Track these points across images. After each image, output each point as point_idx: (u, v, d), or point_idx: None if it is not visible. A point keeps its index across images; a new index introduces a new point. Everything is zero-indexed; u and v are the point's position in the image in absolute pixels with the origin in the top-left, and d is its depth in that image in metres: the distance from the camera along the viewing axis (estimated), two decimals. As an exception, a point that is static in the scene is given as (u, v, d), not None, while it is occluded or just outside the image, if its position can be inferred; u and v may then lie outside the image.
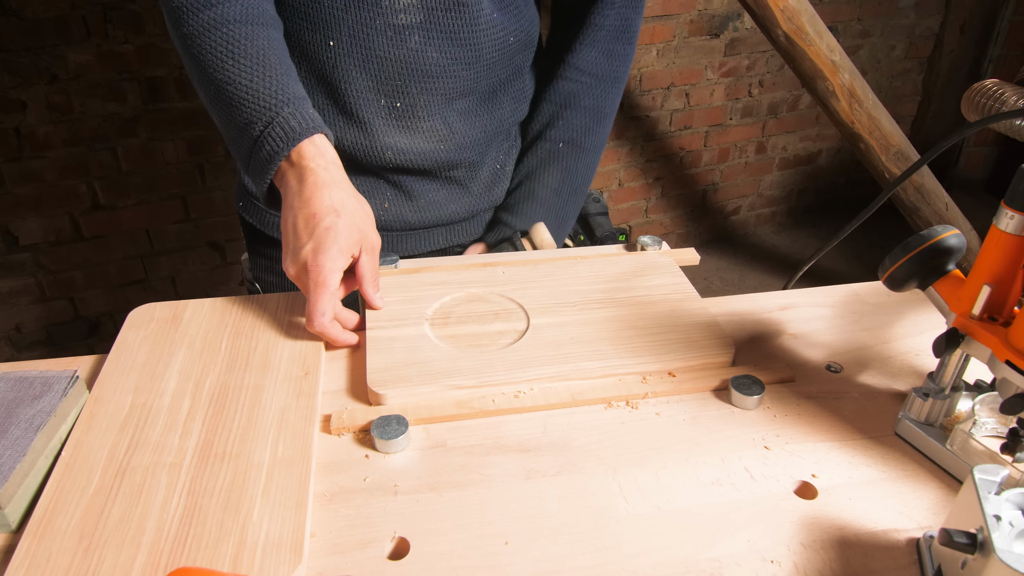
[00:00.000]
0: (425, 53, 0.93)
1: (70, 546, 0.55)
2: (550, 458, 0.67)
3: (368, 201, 1.02)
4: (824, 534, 0.60)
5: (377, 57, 0.92)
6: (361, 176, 1.02)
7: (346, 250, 0.78)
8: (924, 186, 2.48)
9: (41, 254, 2.29)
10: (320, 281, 0.76)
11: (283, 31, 0.91)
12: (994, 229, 0.60)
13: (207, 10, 0.82)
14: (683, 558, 0.57)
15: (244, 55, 0.81)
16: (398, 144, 0.98)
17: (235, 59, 0.81)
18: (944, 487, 0.65)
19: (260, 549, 0.55)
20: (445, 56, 0.94)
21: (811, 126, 3.34)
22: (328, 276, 0.76)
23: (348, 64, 0.92)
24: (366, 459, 0.67)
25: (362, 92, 0.94)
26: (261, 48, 0.82)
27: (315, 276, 0.76)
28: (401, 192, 1.04)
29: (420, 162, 1.00)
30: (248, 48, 0.82)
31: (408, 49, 0.92)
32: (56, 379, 0.69)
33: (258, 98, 0.80)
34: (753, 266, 3.24)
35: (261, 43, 0.83)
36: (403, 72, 0.94)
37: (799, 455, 0.68)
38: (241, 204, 1.10)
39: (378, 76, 0.93)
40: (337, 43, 0.91)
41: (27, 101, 2.06)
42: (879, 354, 0.82)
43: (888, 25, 3.19)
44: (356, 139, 0.98)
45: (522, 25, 1.00)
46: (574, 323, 0.82)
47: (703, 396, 0.75)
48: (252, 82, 0.81)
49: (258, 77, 0.81)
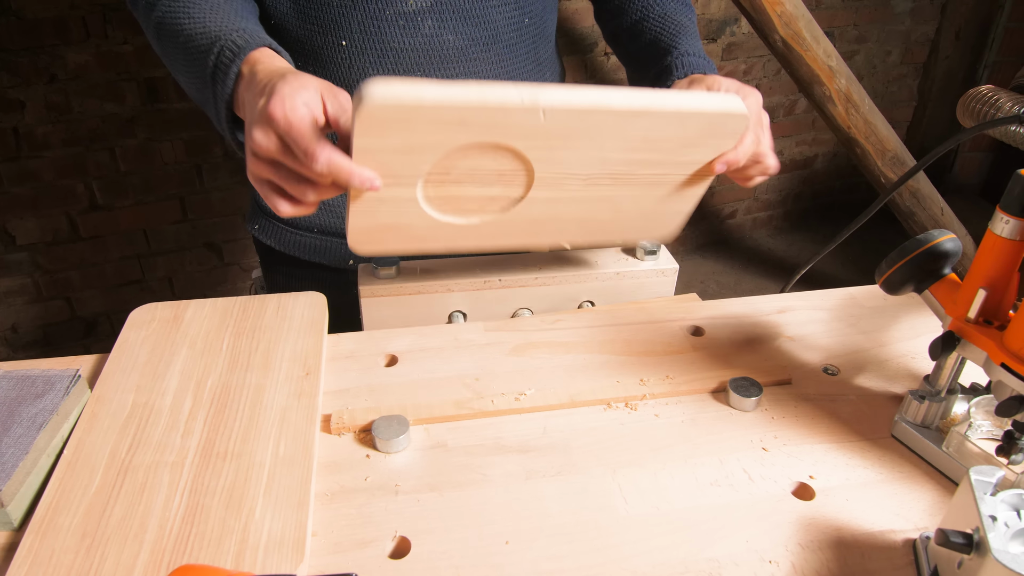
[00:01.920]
0: (440, 37, 0.92)
1: (72, 544, 0.56)
2: (550, 459, 0.67)
3: None
4: (821, 535, 0.60)
5: (392, 49, 0.92)
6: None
7: (305, 91, 0.66)
8: (920, 191, 2.49)
9: (38, 254, 2.29)
10: (288, 118, 0.64)
11: (297, 38, 0.91)
12: (989, 233, 0.61)
13: None
14: (682, 558, 0.58)
15: (199, 10, 0.80)
16: None
17: (190, 16, 0.80)
18: (940, 489, 0.65)
19: (262, 548, 0.56)
20: (461, 37, 0.93)
21: (807, 130, 3.35)
22: (296, 110, 0.65)
23: (363, 62, 0.92)
24: (367, 459, 0.67)
25: None
26: (215, 3, 0.81)
27: (280, 115, 0.65)
28: None
29: None
30: (203, 5, 0.81)
31: (423, 35, 0.92)
32: (58, 378, 0.70)
33: (208, 33, 0.78)
34: (749, 270, 3.25)
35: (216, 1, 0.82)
36: (421, 60, 0.93)
37: (797, 456, 0.68)
38: (257, 227, 1.09)
39: (395, 69, 0.93)
40: (349, 42, 0.91)
41: (25, 101, 2.06)
42: (876, 357, 0.83)
43: (884, 31, 3.20)
44: None
45: (536, 7, 0.99)
46: (569, 200, 0.77)
47: (701, 398, 0.76)
48: (204, 26, 0.78)
49: (209, 20, 0.79)
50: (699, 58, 0.93)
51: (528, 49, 1.01)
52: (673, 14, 1.00)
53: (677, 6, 1.02)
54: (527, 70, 1.02)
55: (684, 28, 0.98)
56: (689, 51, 0.94)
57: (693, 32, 0.99)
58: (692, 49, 0.94)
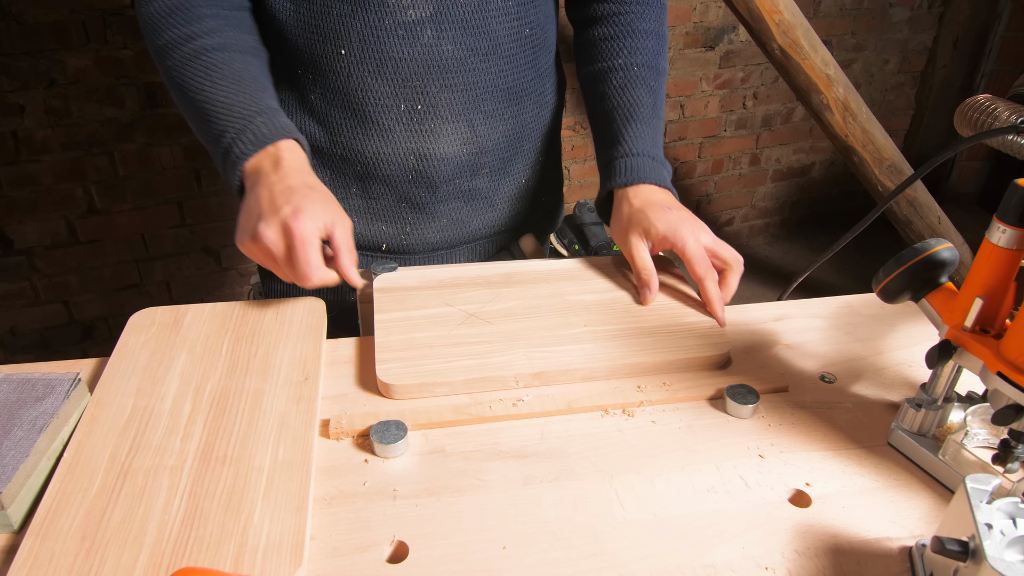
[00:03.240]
0: (440, 47, 0.92)
1: (72, 547, 0.56)
2: (547, 464, 0.68)
3: (389, 227, 1.02)
4: (818, 542, 0.60)
5: (392, 59, 0.91)
6: (381, 200, 1.01)
7: (322, 216, 0.78)
8: (917, 199, 2.50)
9: (36, 257, 2.29)
10: (304, 239, 0.76)
11: (297, 46, 0.93)
12: (986, 243, 0.61)
13: (188, 43, 0.86)
14: (679, 564, 0.58)
15: (221, 76, 0.85)
16: (421, 149, 0.97)
17: (212, 80, 0.85)
18: (936, 496, 0.66)
19: (261, 551, 0.56)
20: (460, 47, 0.93)
21: (805, 139, 3.37)
22: (311, 235, 0.76)
23: (363, 71, 0.92)
24: (365, 464, 0.68)
25: (380, 98, 0.94)
26: (236, 71, 0.87)
27: (299, 234, 0.76)
28: (422, 213, 1.03)
29: (443, 168, 0.99)
30: (224, 71, 0.86)
31: (422, 45, 0.91)
32: (58, 381, 0.70)
33: (232, 110, 0.84)
34: (746, 277, 3.23)
35: (236, 66, 0.87)
36: (420, 71, 0.92)
37: (793, 464, 0.68)
38: None
39: (395, 79, 0.93)
40: (348, 51, 0.91)
41: (25, 105, 2.07)
42: (872, 365, 0.83)
43: (882, 39, 3.22)
44: (378, 148, 0.97)
45: (537, 17, 0.99)
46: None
47: (698, 405, 0.76)
48: (227, 98, 0.85)
49: (232, 93, 0.85)
50: (644, 158, 0.95)
51: (528, 59, 1.01)
52: (634, 85, 1.00)
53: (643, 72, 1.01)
54: (527, 80, 1.02)
55: (638, 109, 0.99)
56: (633, 150, 0.96)
57: (649, 112, 1.00)
58: (638, 147, 0.96)
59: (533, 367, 0.76)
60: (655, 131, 1.00)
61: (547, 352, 0.78)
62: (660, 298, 0.88)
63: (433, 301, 0.86)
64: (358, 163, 0.98)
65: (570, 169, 2.93)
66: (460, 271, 0.92)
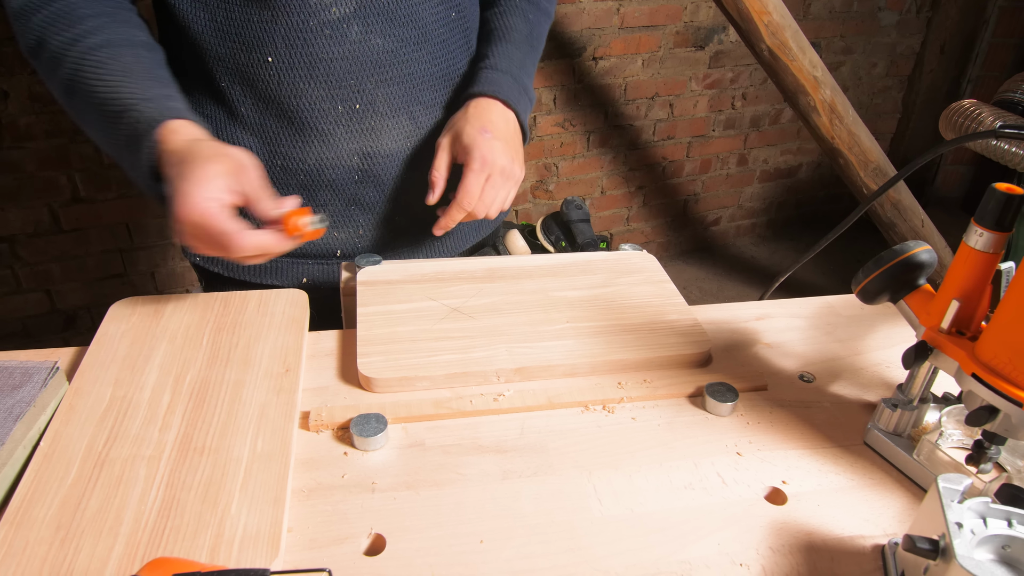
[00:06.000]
0: (369, 42, 0.90)
1: (47, 535, 0.56)
2: (526, 459, 0.68)
3: (341, 233, 1.00)
4: (793, 539, 0.61)
5: (322, 60, 0.88)
6: (329, 206, 0.98)
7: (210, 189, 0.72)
8: (901, 202, 2.51)
9: (19, 245, 2.27)
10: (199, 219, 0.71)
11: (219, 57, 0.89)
12: (964, 246, 0.62)
13: (74, 46, 0.81)
14: (654, 560, 0.58)
15: (109, 72, 0.81)
16: (364, 149, 0.95)
17: (101, 79, 0.80)
18: (910, 495, 0.66)
19: (237, 542, 0.56)
20: (390, 40, 0.91)
21: (792, 140, 3.38)
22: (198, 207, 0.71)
23: (293, 77, 0.89)
24: (344, 456, 0.68)
25: (316, 103, 0.91)
26: (125, 64, 0.82)
27: (187, 216, 0.71)
28: (373, 214, 1.00)
29: (389, 164, 0.97)
30: (112, 66, 0.81)
31: (351, 43, 0.89)
32: (36, 369, 0.70)
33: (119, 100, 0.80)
34: (732, 277, 3.27)
35: (126, 60, 0.82)
36: (353, 69, 0.90)
37: (770, 462, 0.69)
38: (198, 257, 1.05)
39: (328, 81, 0.90)
40: (276, 57, 0.87)
41: (9, 91, 2.05)
42: (851, 365, 0.84)
43: (870, 43, 3.23)
44: (320, 154, 0.94)
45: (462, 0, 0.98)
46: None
47: (678, 402, 0.76)
48: (116, 92, 0.80)
49: (120, 86, 0.80)
50: (504, 75, 0.98)
51: (460, 43, 1.00)
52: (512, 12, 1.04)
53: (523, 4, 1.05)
54: (461, 64, 1.01)
55: (510, 33, 1.02)
56: (497, 65, 0.99)
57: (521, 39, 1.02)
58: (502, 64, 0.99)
59: (515, 362, 0.77)
60: (524, 56, 1.02)
61: (529, 348, 0.79)
62: (642, 296, 0.88)
63: (416, 295, 0.86)
64: (300, 172, 0.95)
65: (558, 166, 2.94)
66: (444, 265, 0.92)
